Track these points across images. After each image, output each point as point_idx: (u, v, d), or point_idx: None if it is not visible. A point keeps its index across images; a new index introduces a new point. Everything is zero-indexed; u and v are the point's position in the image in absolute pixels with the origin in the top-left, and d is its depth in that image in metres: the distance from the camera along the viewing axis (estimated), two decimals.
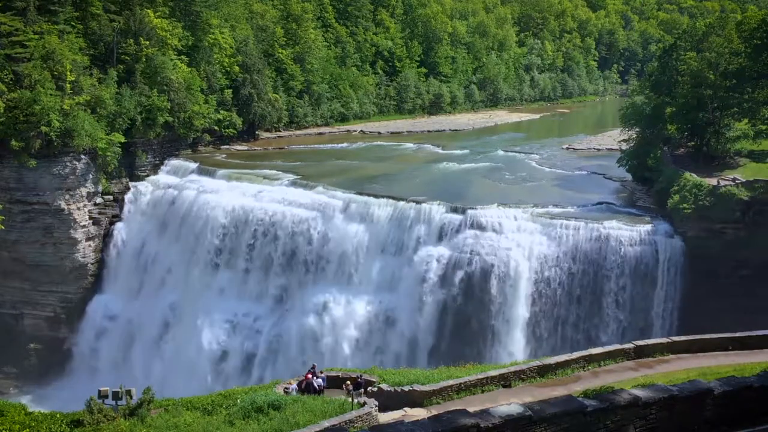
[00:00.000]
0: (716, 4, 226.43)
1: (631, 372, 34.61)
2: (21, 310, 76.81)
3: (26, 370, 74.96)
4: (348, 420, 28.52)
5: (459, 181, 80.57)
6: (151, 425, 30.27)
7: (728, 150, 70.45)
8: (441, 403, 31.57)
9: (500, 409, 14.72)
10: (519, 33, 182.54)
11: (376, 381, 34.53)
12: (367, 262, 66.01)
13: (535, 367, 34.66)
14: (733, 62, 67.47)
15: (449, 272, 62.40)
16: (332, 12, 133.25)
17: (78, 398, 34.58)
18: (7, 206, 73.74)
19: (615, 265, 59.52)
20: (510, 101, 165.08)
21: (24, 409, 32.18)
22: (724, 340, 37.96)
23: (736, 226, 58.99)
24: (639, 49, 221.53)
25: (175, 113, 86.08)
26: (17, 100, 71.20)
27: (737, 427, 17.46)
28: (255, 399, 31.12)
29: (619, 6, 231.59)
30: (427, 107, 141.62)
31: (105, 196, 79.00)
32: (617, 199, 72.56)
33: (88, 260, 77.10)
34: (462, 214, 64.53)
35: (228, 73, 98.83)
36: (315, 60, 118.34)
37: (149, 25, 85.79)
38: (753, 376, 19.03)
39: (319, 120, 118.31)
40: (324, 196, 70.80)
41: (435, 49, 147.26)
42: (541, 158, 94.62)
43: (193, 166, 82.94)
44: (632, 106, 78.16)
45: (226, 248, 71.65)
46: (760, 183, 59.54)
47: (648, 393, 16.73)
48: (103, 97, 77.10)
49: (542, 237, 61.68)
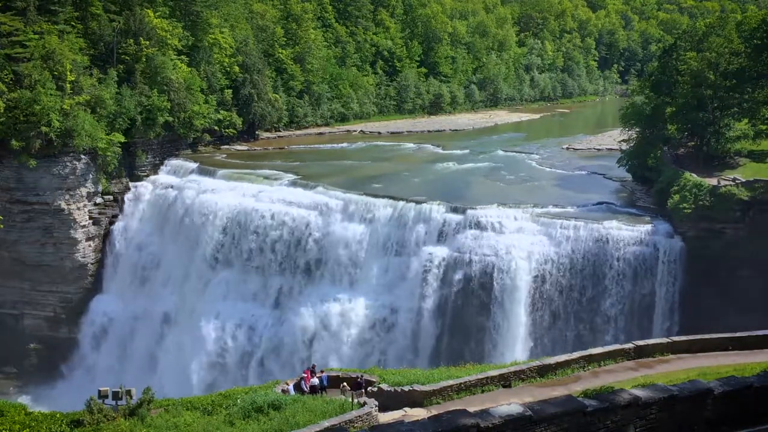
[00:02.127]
0: (716, 4, 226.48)
1: (631, 372, 34.63)
2: (21, 310, 76.83)
3: (26, 370, 74.97)
4: (348, 420, 28.53)
5: (459, 181, 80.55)
6: (151, 425, 30.27)
7: (728, 150, 70.41)
8: (441, 403, 31.59)
9: (500, 409, 14.73)
10: (519, 33, 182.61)
11: (376, 381, 34.55)
12: (367, 263, 66.00)
13: (535, 367, 34.68)
14: (733, 62, 67.44)
15: (449, 272, 62.38)
16: (332, 12, 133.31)
17: (78, 398, 34.60)
18: (7, 206, 73.82)
19: (615, 265, 59.50)
20: (510, 101, 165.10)
21: (24, 409, 32.21)
22: (724, 340, 37.98)
23: (736, 226, 58.98)
24: (639, 49, 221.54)
25: (175, 113, 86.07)
26: (17, 100, 71.18)
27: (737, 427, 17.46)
28: (255, 399, 31.14)
29: (619, 6, 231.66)
30: (427, 107, 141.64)
31: (105, 196, 79.01)
32: (617, 199, 72.52)
33: (88, 260, 77.10)
34: (462, 214, 64.52)
35: (228, 73, 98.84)
36: (315, 60, 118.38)
37: (149, 25, 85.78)
38: (753, 376, 19.04)
39: (319, 120, 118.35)
40: (324, 196, 70.77)
41: (435, 49, 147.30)
42: (541, 158, 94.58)
43: (193, 166, 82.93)
44: (632, 106, 78.15)
45: (226, 248, 71.62)
46: (760, 183, 59.55)
47: (648, 393, 16.74)
48: (103, 97, 77.09)
49: (542, 237, 61.67)
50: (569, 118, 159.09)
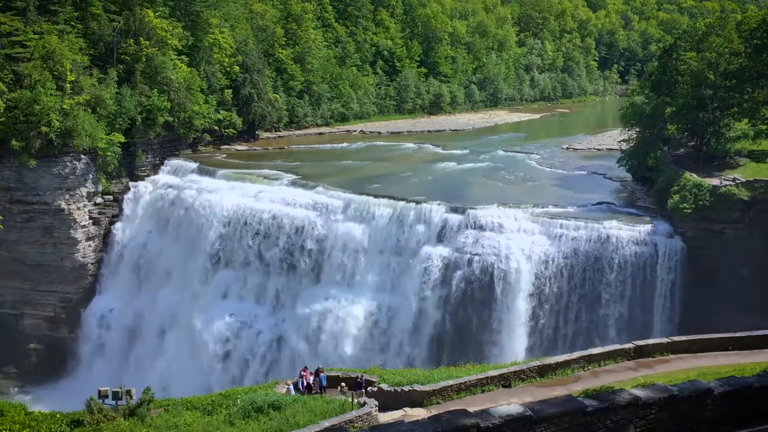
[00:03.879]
0: (716, 4, 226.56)
1: (631, 372, 34.66)
2: (21, 310, 76.84)
3: (26, 370, 74.98)
4: (348, 420, 28.54)
5: (459, 181, 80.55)
6: (151, 425, 30.29)
7: (728, 150, 70.40)
8: (441, 403, 31.61)
9: (500, 409, 14.73)
10: (519, 33, 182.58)
11: (376, 381, 34.57)
12: (368, 263, 66.01)
13: (535, 367, 34.70)
14: (733, 62, 67.42)
15: (449, 272, 62.39)
16: (332, 12, 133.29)
17: (78, 398, 34.59)
18: (7, 206, 73.82)
19: (615, 265, 59.49)
20: (510, 101, 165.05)
21: (24, 409, 32.22)
22: (724, 340, 38.00)
23: (736, 226, 59.00)
24: (639, 49, 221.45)
25: (175, 113, 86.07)
26: (17, 100, 71.20)
27: (737, 427, 17.46)
28: (255, 399, 31.15)
29: (619, 6, 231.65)
30: (427, 107, 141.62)
31: (105, 196, 79.02)
32: (617, 199, 72.52)
33: (88, 260, 77.10)
34: (462, 214, 64.51)
35: (228, 73, 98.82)
36: (315, 60, 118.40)
37: (149, 25, 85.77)
38: (753, 376, 19.04)
39: (319, 120, 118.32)
40: (324, 196, 70.78)
41: (435, 49, 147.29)
42: (541, 158, 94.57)
43: (193, 166, 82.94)
44: (632, 106, 78.12)
45: (226, 248, 71.61)
46: (760, 183, 59.55)
47: (648, 393, 16.74)
48: (103, 97, 77.10)
49: (542, 237, 61.68)
50: (569, 118, 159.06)
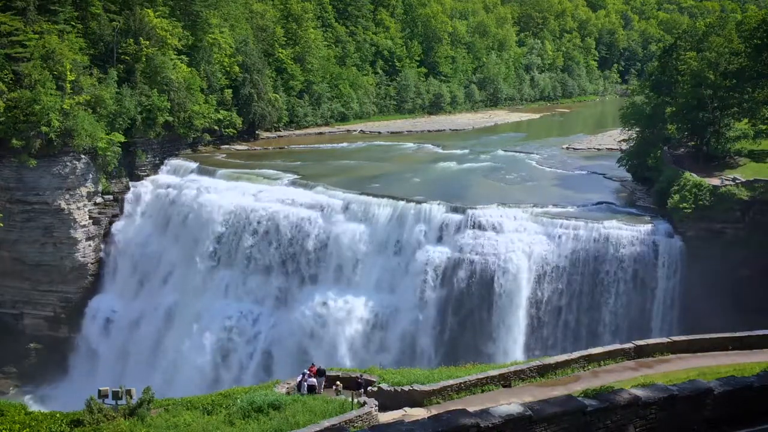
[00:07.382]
0: (716, 4, 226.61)
1: (631, 372, 34.63)
2: (21, 310, 76.83)
3: (26, 370, 74.93)
4: (348, 420, 28.53)
5: (459, 181, 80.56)
6: (151, 425, 30.28)
7: (728, 150, 70.43)
8: (441, 403, 31.58)
9: (500, 408, 14.74)
10: (519, 33, 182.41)
11: (376, 381, 34.54)
12: (367, 262, 66.00)
13: (535, 367, 34.68)
14: (733, 62, 67.41)
15: (449, 272, 62.40)
16: (332, 12, 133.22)
17: (78, 398, 34.59)
18: (7, 206, 73.77)
19: (615, 265, 59.51)
20: (510, 101, 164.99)
21: (24, 409, 32.23)
22: (724, 340, 37.98)
23: (736, 226, 59.01)
24: (639, 49, 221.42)
25: (175, 113, 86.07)
26: (17, 100, 71.18)
27: (737, 427, 17.48)
28: (255, 399, 31.12)
29: (619, 6, 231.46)
30: (427, 107, 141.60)
31: (105, 196, 79.03)
32: (617, 199, 72.54)
33: (88, 260, 77.10)
34: (462, 213, 64.52)
35: (228, 73, 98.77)
36: (315, 60, 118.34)
37: (149, 25, 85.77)
38: (753, 376, 19.06)
39: (319, 120, 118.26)
40: (324, 196, 70.78)
41: (435, 49, 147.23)
42: (541, 158, 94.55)
43: (193, 166, 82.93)
44: (632, 106, 78.14)
45: (226, 248, 71.62)
46: (760, 183, 59.56)
47: (648, 393, 16.75)
48: (103, 97, 77.10)
49: (542, 237, 61.69)
50: (569, 118, 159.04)
